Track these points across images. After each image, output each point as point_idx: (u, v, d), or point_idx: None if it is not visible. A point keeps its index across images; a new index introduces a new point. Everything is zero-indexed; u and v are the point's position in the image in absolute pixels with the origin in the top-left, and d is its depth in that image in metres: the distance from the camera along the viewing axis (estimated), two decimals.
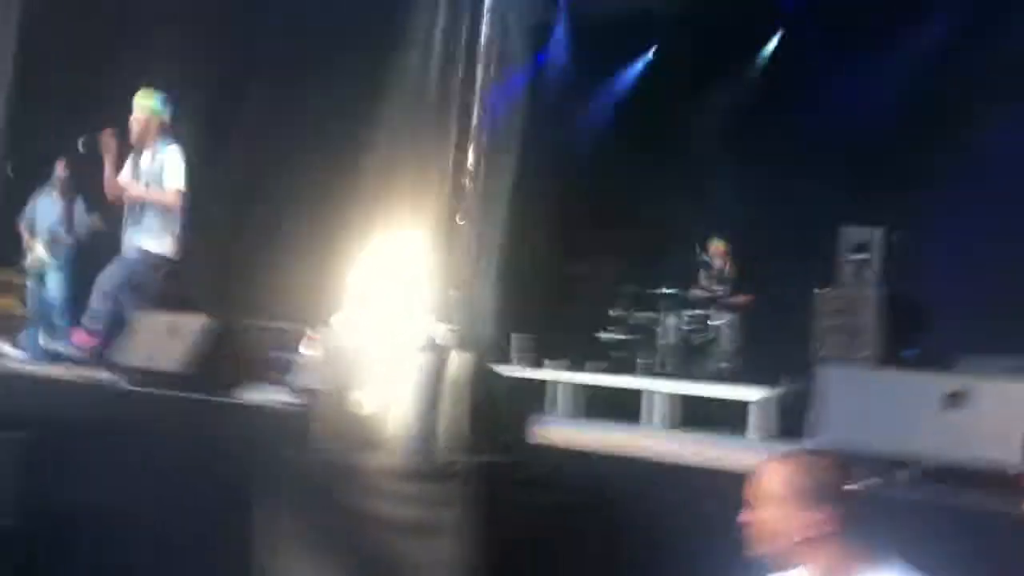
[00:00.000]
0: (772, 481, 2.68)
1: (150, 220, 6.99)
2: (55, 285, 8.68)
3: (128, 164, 7.09)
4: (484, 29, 11.40)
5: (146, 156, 7.06)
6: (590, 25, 11.58)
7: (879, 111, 9.48)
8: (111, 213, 7.54)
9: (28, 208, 9.02)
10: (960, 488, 3.42)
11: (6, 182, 9.53)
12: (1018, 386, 3.59)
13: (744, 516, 2.73)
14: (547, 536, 3.62)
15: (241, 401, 5.72)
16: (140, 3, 10.34)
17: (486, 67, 11.36)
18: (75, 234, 8.75)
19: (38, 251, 8.77)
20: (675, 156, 10.48)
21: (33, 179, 9.14)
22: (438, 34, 11.32)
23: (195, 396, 5.55)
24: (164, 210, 7.02)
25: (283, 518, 3.78)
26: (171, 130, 7.20)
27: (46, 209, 8.91)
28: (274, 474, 3.86)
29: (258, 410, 5.49)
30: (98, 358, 6.56)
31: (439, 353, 3.89)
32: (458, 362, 3.66)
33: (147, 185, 7.00)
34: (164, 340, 5.85)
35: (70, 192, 8.84)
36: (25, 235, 8.91)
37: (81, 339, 6.77)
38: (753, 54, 11.24)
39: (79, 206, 8.81)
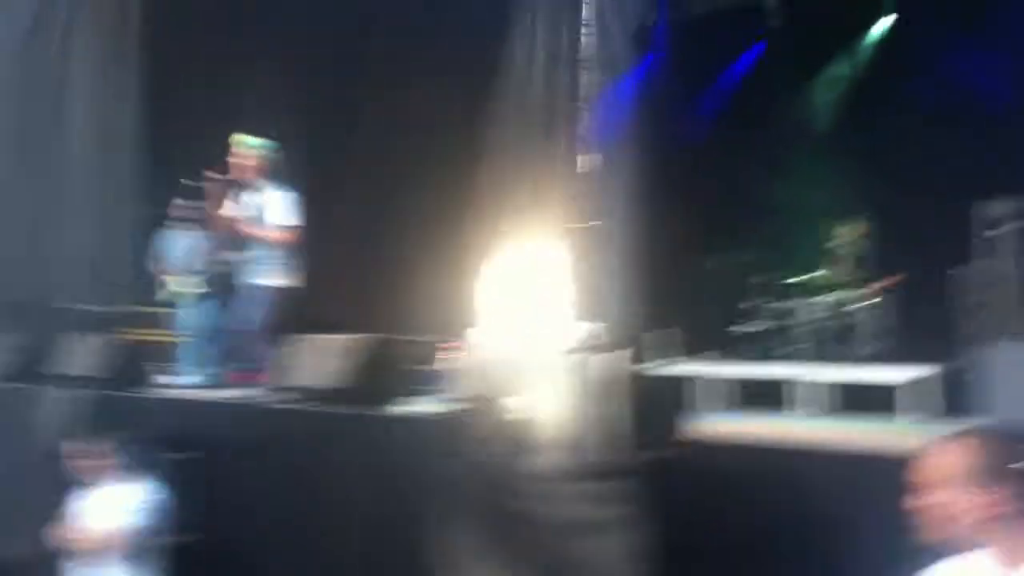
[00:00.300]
0: (944, 462, 2.60)
1: (259, 256, 7.29)
2: (197, 316, 9.08)
3: (231, 201, 7.37)
4: (584, 36, 11.55)
5: (248, 195, 7.32)
6: (698, 17, 11.58)
7: (999, 84, 9.28)
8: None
9: (156, 246, 9.55)
10: None
11: (141, 222, 10.04)
12: None
13: (913, 501, 2.67)
14: (706, 530, 3.67)
15: (396, 414, 5.91)
16: (247, 49, 10.77)
17: (590, 72, 11.49)
18: (211, 266, 9.15)
19: (173, 285, 9.23)
20: (798, 142, 10.39)
21: (159, 218, 9.64)
22: (540, 45, 11.48)
23: (353, 411, 5.76)
24: (269, 246, 7.25)
25: (446, 525, 3.92)
26: (274, 170, 7.47)
27: (176, 244, 9.38)
28: (434, 482, 4.00)
29: (413, 421, 5.65)
30: (257, 387, 6.88)
31: (588, 355, 3.99)
32: (608, 362, 3.76)
33: (250, 223, 7.27)
34: (322, 359, 6.10)
35: (197, 227, 9.29)
36: (156, 271, 9.41)
37: (238, 378, 7.15)
38: (865, 32, 11.08)
39: (208, 239, 9.22)
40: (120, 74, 10.88)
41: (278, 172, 7.47)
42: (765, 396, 8.50)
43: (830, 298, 9.08)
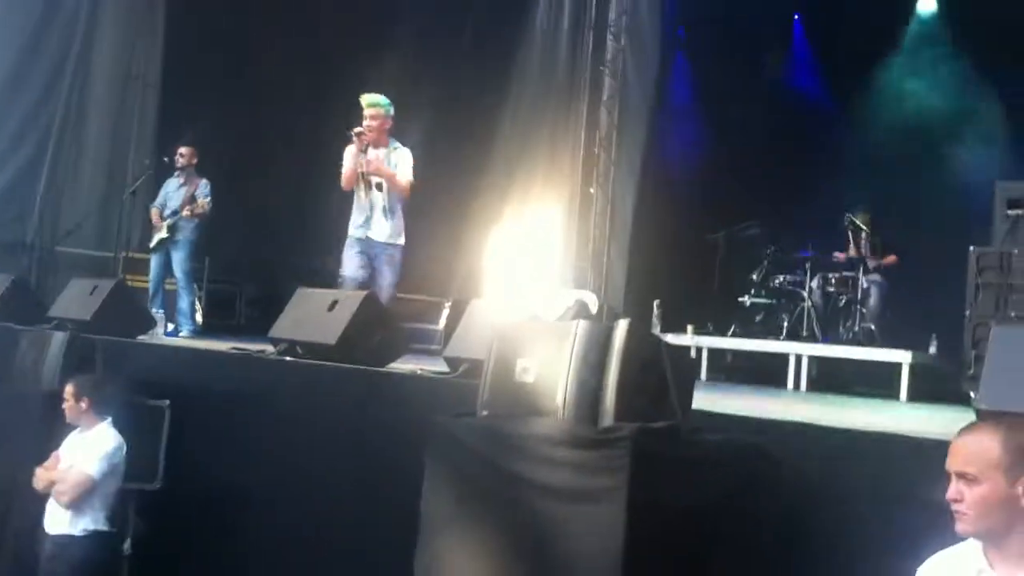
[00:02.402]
0: (988, 449, 2.44)
1: (380, 212, 7.36)
2: (178, 261, 9.18)
3: (358, 160, 7.38)
4: (613, 3, 11.39)
5: (377, 154, 7.37)
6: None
7: None
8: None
9: (160, 193, 9.56)
10: None
11: (156, 171, 10.01)
12: None
13: (953, 491, 2.49)
14: (707, 503, 3.59)
15: (394, 371, 5.83)
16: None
17: (616, 39, 11.38)
18: (195, 213, 9.19)
19: (163, 231, 9.25)
20: (816, 123, 10.30)
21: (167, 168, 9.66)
22: (567, 8, 11.34)
23: (348, 366, 5.68)
24: (394, 203, 7.41)
25: (441, 486, 3.85)
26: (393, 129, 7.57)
27: (172, 192, 9.44)
28: (431, 441, 3.93)
29: (411, 379, 5.58)
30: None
31: (600, 320, 3.90)
32: (620, 328, 3.66)
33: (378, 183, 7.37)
34: (320, 314, 6.02)
35: (193, 176, 9.36)
36: (155, 217, 9.39)
37: None
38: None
39: (202, 187, 9.29)
40: (143, 28, 10.84)
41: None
42: (762, 369, 8.47)
43: (838, 274, 8.99)
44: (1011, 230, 7.36)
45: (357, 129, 7.33)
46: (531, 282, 8.90)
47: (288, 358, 6.10)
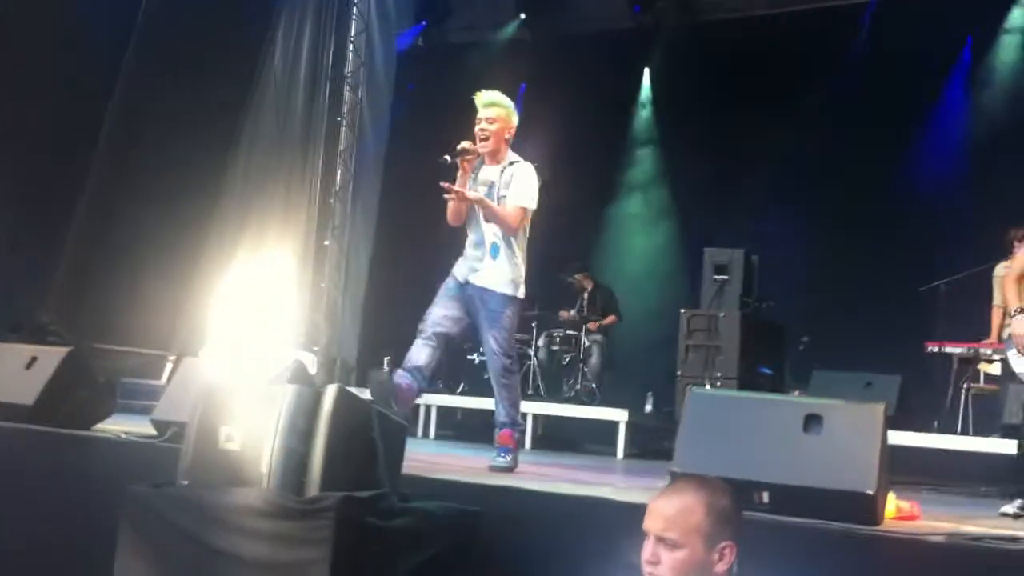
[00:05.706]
0: (691, 513, 2.43)
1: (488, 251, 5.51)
2: None
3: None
4: (350, 55, 11.44)
5: (491, 171, 5.45)
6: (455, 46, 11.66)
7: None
8: None
9: None
10: (815, 511, 3.48)
11: None
12: (871, 407, 3.69)
13: (650, 553, 2.45)
14: (411, 573, 3.55)
15: (96, 434, 5.49)
16: None
17: (354, 91, 11.39)
18: None
19: None
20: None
21: None
22: (304, 58, 11.25)
23: (46, 429, 5.30)
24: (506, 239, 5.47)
25: (135, 562, 3.62)
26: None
27: None
28: (125, 513, 3.69)
29: (114, 444, 5.25)
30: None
31: (309, 384, 3.80)
32: (328, 394, 3.58)
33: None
34: (16, 372, 5.60)
35: None
36: None
37: None
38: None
39: None
40: None
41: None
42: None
43: (562, 333, 9.26)
44: (717, 294, 7.89)
45: (463, 144, 5.38)
46: (256, 338, 8.62)
47: None
